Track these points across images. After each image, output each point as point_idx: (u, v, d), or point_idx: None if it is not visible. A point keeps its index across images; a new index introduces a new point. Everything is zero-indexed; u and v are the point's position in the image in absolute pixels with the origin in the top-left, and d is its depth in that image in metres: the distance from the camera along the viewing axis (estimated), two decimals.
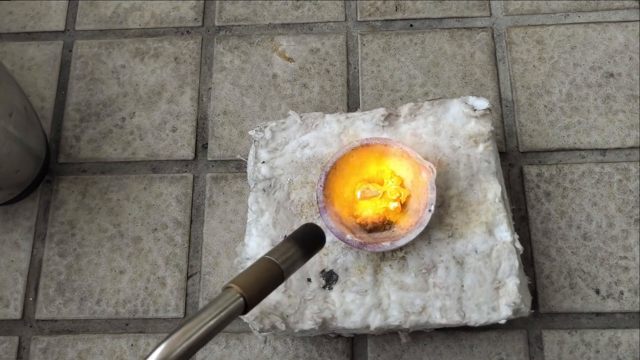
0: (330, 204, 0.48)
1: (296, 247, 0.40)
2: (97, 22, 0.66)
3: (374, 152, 0.49)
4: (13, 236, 0.58)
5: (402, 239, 0.45)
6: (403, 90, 0.61)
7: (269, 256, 0.39)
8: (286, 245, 0.40)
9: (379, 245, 0.45)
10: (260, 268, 0.38)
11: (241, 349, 0.53)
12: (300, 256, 0.40)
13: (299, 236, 0.42)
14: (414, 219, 0.47)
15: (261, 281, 0.37)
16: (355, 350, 0.53)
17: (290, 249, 0.40)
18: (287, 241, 0.41)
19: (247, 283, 0.36)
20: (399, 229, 0.47)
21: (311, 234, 0.42)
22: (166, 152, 0.60)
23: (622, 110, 0.58)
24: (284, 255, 0.39)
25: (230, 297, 0.35)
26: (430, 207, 0.46)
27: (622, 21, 0.62)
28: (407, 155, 0.48)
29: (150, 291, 0.55)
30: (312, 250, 0.42)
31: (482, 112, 0.50)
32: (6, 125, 0.50)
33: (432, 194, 0.46)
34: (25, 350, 0.54)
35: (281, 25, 0.65)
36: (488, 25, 0.63)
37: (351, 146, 0.48)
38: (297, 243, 0.41)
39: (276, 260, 0.38)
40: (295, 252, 0.40)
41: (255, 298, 0.36)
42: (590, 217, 0.55)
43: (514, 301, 0.45)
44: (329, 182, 0.48)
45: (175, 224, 0.57)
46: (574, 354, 0.52)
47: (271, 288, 0.38)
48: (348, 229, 0.47)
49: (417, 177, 0.48)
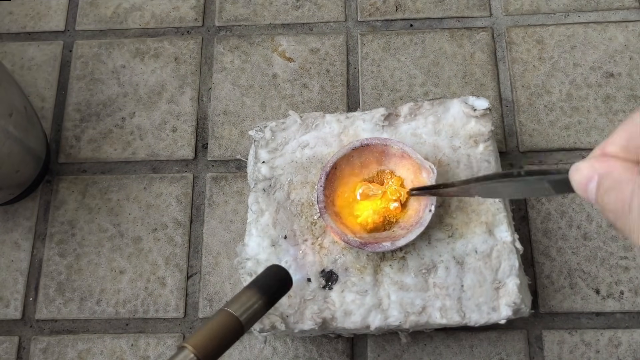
0: (330, 203, 0.48)
1: (258, 295, 0.40)
2: (97, 22, 0.66)
3: (374, 152, 0.49)
4: (13, 236, 0.58)
5: (402, 239, 0.45)
6: (403, 90, 0.61)
7: (228, 308, 0.38)
8: (247, 295, 0.39)
9: (379, 245, 0.45)
10: (218, 323, 0.38)
11: (241, 349, 0.53)
12: (262, 305, 0.39)
13: (261, 282, 0.41)
14: (414, 219, 0.47)
15: (218, 338, 0.37)
16: (355, 351, 0.53)
17: (252, 298, 0.39)
18: (248, 289, 0.40)
19: (202, 342, 0.36)
20: (399, 229, 0.47)
21: (275, 278, 0.41)
22: (166, 152, 0.60)
23: (622, 110, 0.58)
24: (244, 306, 0.39)
25: (183, 358, 0.36)
26: (430, 207, 0.46)
27: (622, 21, 0.62)
28: (407, 155, 0.48)
29: (150, 291, 0.55)
30: (276, 297, 0.41)
31: (482, 112, 0.50)
32: (6, 125, 0.50)
33: None
34: (25, 350, 0.54)
35: (281, 26, 0.65)
36: (488, 25, 0.63)
37: (351, 146, 0.48)
38: (259, 291, 0.40)
39: (235, 312, 0.38)
40: (256, 302, 0.39)
41: (212, 356, 0.36)
42: (590, 217, 0.55)
43: (514, 301, 0.45)
44: (330, 181, 0.48)
45: (175, 224, 0.57)
46: (574, 354, 0.52)
47: (229, 343, 0.38)
48: (348, 228, 0.47)
49: (418, 177, 0.48)
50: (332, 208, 0.48)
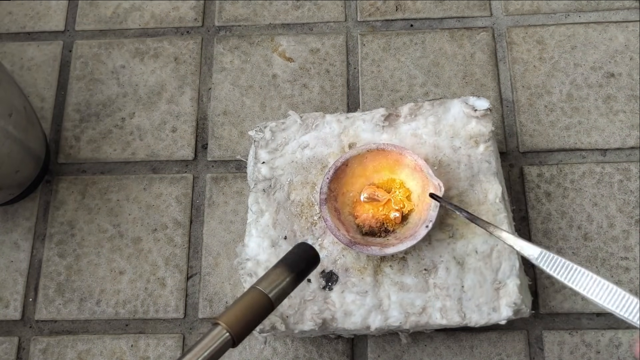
0: (332, 198, 0.48)
1: (287, 272, 0.40)
2: (97, 22, 0.66)
3: (389, 159, 0.48)
4: (13, 236, 0.58)
5: (392, 247, 0.45)
6: (403, 91, 0.61)
7: (257, 286, 0.39)
8: (276, 272, 0.40)
9: (367, 247, 0.45)
10: (249, 301, 0.38)
11: (241, 349, 0.53)
12: (291, 282, 0.40)
13: (290, 260, 0.41)
14: (410, 232, 0.46)
15: (249, 315, 0.38)
16: (356, 351, 0.53)
17: (280, 276, 0.40)
18: (277, 267, 0.41)
19: (234, 318, 0.37)
20: (393, 239, 0.47)
21: (304, 255, 0.42)
22: (166, 152, 0.60)
23: (623, 111, 0.58)
24: (273, 284, 0.39)
25: (217, 334, 0.37)
26: (427, 224, 0.45)
27: (623, 21, 0.62)
28: (419, 168, 0.47)
29: (150, 292, 0.55)
30: (304, 273, 0.41)
31: (483, 112, 0.50)
32: (6, 125, 0.50)
33: (433, 211, 0.45)
34: (25, 350, 0.54)
35: (281, 26, 0.65)
36: (488, 25, 0.63)
37: (367, 147, 0.48)
38: (288, 268, 0.40)
39: (264, 290, 0.39)
40: (285, 279, 0.40)
41: (243, 333, 0.37)
42: (590, 217, 0.55)
43: (514, 302, 0.45)
44: (337, 177, 0.48)
45: (175, 224, 0.57)
46: (575, 354, 0.51)
47: (260, 320, 0.38)
48: (344, 226, 0.47)
49: (424, 192, 0.47)
50: (332, 202, 0.47)
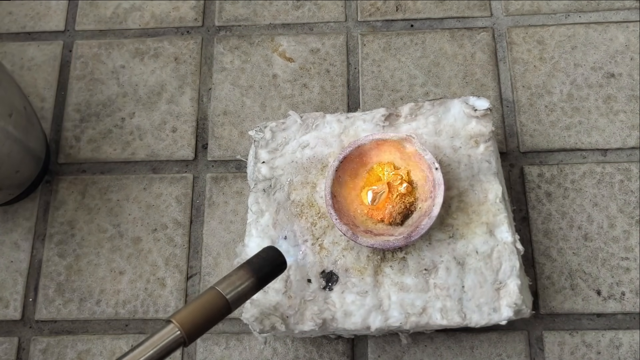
0: (341, 184, 0.48)
1: (249, 275, 0.40)
2: (97, 22, 0.66)
3: (391, 148, 0.48)
4: (13, 237, 0.58)
5: (382, 240, 0.45)
6: (403, 91, 0.61)
7: (217, 286, 0.39)
8: (238, 274, 0.40)
9: (356, 235, 0.45)
10: (205, 301, 0.38)
11: (241, 349, 0.53)
12: (252, 286, 0.40)
13: (255, 263, 0.41)
14: (408, 230, 0.46)
15: (204, 315, 0.37)
16: (356, 352, 0.53)
17: (242, 278, 0.40)
18: (240, 268, 0.40)
19: (187, 318, 0.37)
20: (402, 229, 0.47)
21: (270, 260, 0.42)
22: (166, 152, 0.60)
23: (623, 111, 0.58)
24: (232, 286, 0.39)
25: (168, 332, 0.36)
26: (415, 236, 0.45)
27: (623, 21, 0.62)
28: (417, 155, 0.47)
29: (150, 292, 0.55)
30: (267, 279, 0.41)
31: (483, 112, 0.50)
32: (6, 125, 0.50)
33: (429, 220, 0.46)
34: (25, 351, 0.54)
35: (281, 26, 0.65)
36: (489, 26, 0.63)
37: (387, 136, 0.48)
38: (251, 271, 0.40)
39: (222, 291, 0.38)
40: (246, 282, 0.40)
41: (196, 333, 0.37)
42: (591, 217, 0.55)
43: (514, 302, 0.45)
44: (344, 170, 0.48)
45: (175, 224, 0.57)
46: (575, 355, 0.51)
47: (215, 321, 0.38)
48: (350, 219, 0.47)
49: (427, 183, 0.47)
50: (339, 195, 0.48)
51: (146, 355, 0.35)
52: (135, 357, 0.35)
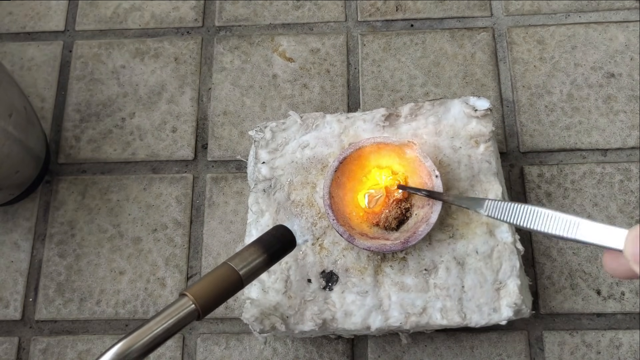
0: (339, 187, 0.48)
1: (260, 252, 0.40)
2: (97, 22, 0.66)
3: (391, 152, 0.48)
4: (13, 237, 0.58)
5: (379, 243, 0.45)
6: (404, 91, 0.61)
7: (229, 262, 0.39)
8: (250, 251, 0.40)
9: (352, 237, 0.45)
10: (218, 276, 0.39)
11: (241, 350, 0.53)
12: (263, 262, 0.40)
13: (265, 240, 0.41)
14: (404, 235, 0.46)
15: (217, 289, 0.38)
16: (356, 352, 0.53)
17: (253, 254, 0.40)
18: (252, 245, 0.41)
19: (201, 292, 0.37)
20: (397, 234, 0.47)
21: (280, 237, 0.42)
22: (166, 152, 0.60)
23: (623, 111, 0.58)
24: (245, 261, 0.40)
25: (183, 304, 0.37)
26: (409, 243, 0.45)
27: (623, 21, 0.62)
28: (417, 160, 0.47)
29: (150, 292, 0.55)
30: (278, 255, 0.42)
31: (483, 112, 0.50)
32: (6, 125, 0.50)
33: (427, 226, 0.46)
34: (25, 351, 0.54)
35: (281, 26, 0.65)
36: (489, 26, 0.63)
37: (388, 140, 0.48)
38: (262, 247, 0.41)
39: (235, 266, 0.39)
40: (258, 258, 0.40)
41: (209, 306, 0.38)
42: (591, 217, 0.55)
43: (514, 302, 0.45)
44: (342, 173, 0.48)
45: (175, 224, 0.57)
46: (575, 355, 0.51)
47: (228, 295, 0.39)
48: (348, 221, 0.47)
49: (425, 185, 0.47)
50: (338, 197, 0.48)
51: (161, 326, 0.36)
52: (151, 328, 0.36)
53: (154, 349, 0.36)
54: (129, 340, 0.35)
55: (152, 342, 0.35)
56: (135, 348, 0.35)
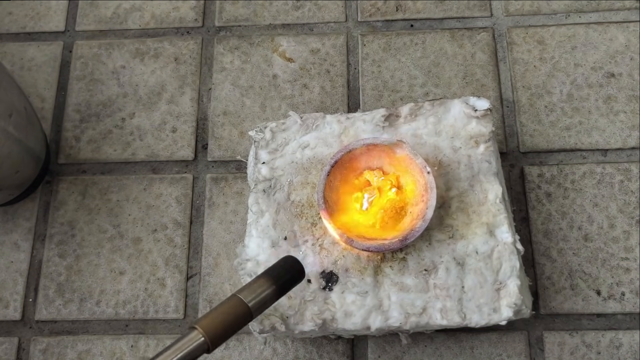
0: (334, 189, 0.48)
1: (269, 283, 0.40)
2: (97, 22, 0.66)
3: (382, 153, 0.48)
4: (13, 237, 0.58)
5: (377, 243, 0.45)
6: (403, 91, 0.61)
7: (239, 294, 0.39)
8: (258, 282, 0.40)
9: (351, 239, 0.45)
10: (228, 308, 0.39)
11: (241, 350, 0.53)
12: (272, 294, 0.40)
13: (274, 271, 0.42)
14: (402, 233, 0.46)
15: (227, 322, 0.38)
16: (356, 352, 0.53)
17: (262, 286, 0.40)
18: (260, 277, 0.41)
19: (211, 325, 0.38)
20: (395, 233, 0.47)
21: (289, 269, 0.42)
22: (166, 152, 0.60)
23: (623, 111, 0.58)
24: (254, 293, 0.40)
25: (193, 337, 0.37)
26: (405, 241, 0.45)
27: (623, 22, 0.61)
28: (408, 158, 0.47)
29: (150, 292, 0.55)
30: (287, 287, 0.42)
31: (483, 112, 0.50)
32: (6, 125, 0.50)
33: (424, 221, 0.46)
34: (25, 351, 0.54)
35: (281, 26, 0.65)
36: (489, 26, 0.63)
37: (378, 141, 0.48)
38: (271, 279, 0.41)
39: (244, 299, 0.39)
40: (267, 290, 0.40)
41: (219, 339, 0.38)
42: (591, 218, 0.55)
43: (514, 302, 0.45)
44: (337, 173, 0.48)
45: (175, 224, 0.57)
46: (575, 355, 0.51)
47: (237, 328, 0.39)
48: (344, 226, 0.47)
49: (419, 186, 0.47)
50: (333, 198, 0.48)
51: (173, 359, 0.36)
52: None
53: None
54: None
55: None
56: None
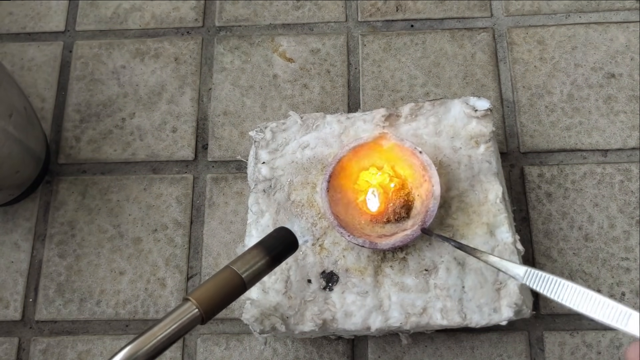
0: (336, 190, 0.48)
1: (262, 254, 0.40)
2: (97, 22, 0.66)
3: (376, 151, 0.48)
4: (13, 237, 0.58)
5: (401, 237, 0.45)
6: (404, 91, 0.61)
7: (232, 266, 0.39)
8: (252, 253, 0.40)
9: (374, 243, 0.45)
10: (222, 280, 0.39)
11: (241, 350, 0.53)
12: (266, 264, 0.40)
13: (267, 242, 0.42)
14: (419, 218, 0.46)
15: (220, 294, 0.38)
16: (356, 352, 0.53)
17: (256, 257, 0.40)
18: (254, 248, 0.41)
19: (205, 296, 0.38)
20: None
21: (282, 239, 0.42)
22: (166, 152, 0.60)
23: (624, 111, 0.58)
24: (247, 264, 0.40)
25: (186, 309, 0.37)
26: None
27: (623, 22, 0.61)
28: (410, 153, 0.47)
29: (150, 292, 0.55)
30: (280, 257, 0.42)
31: (483, 112, 0.50)
32: (6, 125, 0.50)
33: (427, 218, 0.46)
34: (25, 351, 0.54)
35: (282, 26, 0.65)
36: (489, 26, 0.63)
37: (361, 141, 0.48)
38: (264, 250, 0.41)
39: (238, 270, 0.39)
40: (260, 261, 0.40)
41: (213, 311, 0.38)
42: (591, 218, 0.55)
43: (515, 302, 0.45)
44: (340, 171, 0.48)
45: (175, 224, 0.57)
46: (576, 355, 0.51)
47: (231, 299, 0.39)
48: (348, 221, 0.47)
49: (421, 185, 0.47)
50: (336, 197, 0.48)
51: (165, 332, 0.36)
52: (155, 334, 0.36)
53: (158, 355, 0.36)
54: (133, 347, 0.35)
55: (157, 348, 0.36)
56: (141, 354, 0.35)
